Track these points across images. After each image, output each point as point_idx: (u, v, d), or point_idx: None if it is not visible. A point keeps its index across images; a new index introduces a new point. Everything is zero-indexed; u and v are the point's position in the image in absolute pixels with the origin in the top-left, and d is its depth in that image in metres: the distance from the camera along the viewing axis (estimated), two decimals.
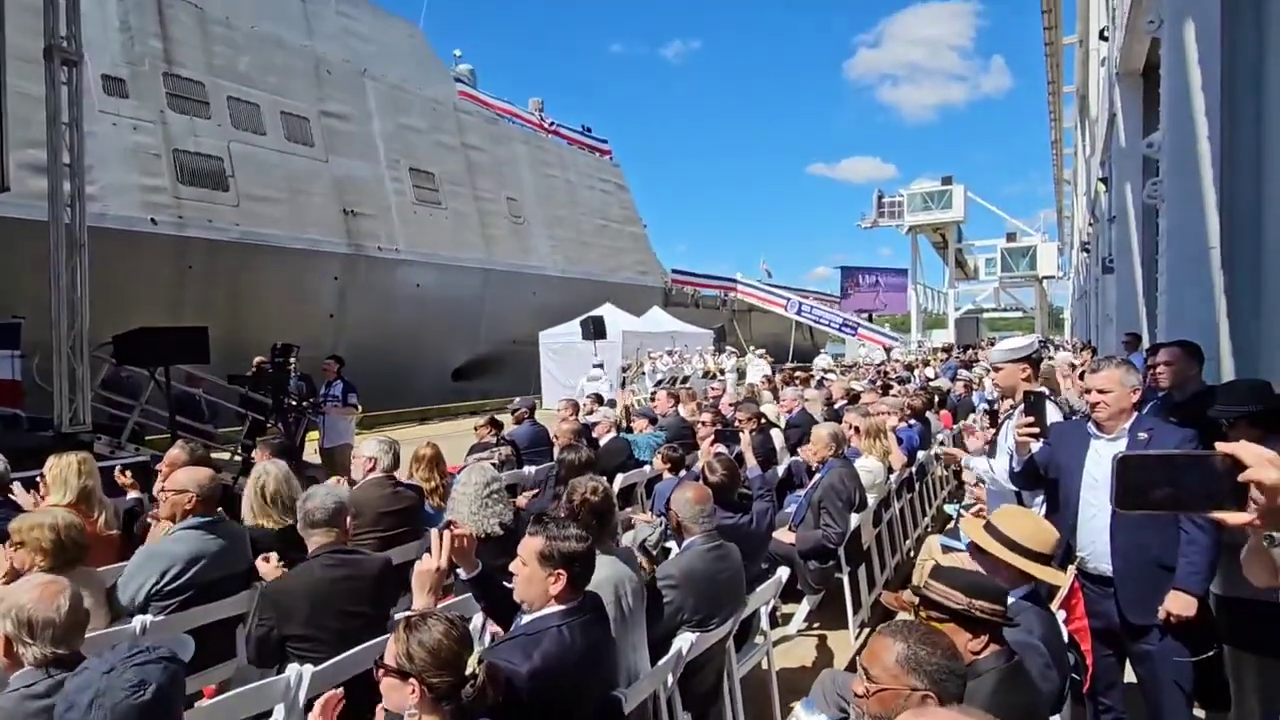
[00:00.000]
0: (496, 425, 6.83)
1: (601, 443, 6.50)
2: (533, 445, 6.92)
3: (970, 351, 25.39)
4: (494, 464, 4.96)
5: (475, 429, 6.89)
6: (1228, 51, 5.31)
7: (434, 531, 2.50)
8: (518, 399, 8.06)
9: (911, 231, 46.90)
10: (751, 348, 26.04)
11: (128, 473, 4.69)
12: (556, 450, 5.65)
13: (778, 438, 6.81)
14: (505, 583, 2.54)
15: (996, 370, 3.79)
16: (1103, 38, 11.95)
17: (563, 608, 2.36)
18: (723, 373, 20.73)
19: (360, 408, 9.30)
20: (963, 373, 13.84)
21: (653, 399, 9.36)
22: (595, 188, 30.84)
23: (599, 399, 8.88)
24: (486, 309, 23.16)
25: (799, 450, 6.27)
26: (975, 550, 2.70)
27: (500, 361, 22.52)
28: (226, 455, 9.25)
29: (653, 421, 7.19)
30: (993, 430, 3.98)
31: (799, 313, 38.96)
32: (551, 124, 30.57)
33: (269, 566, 3.23)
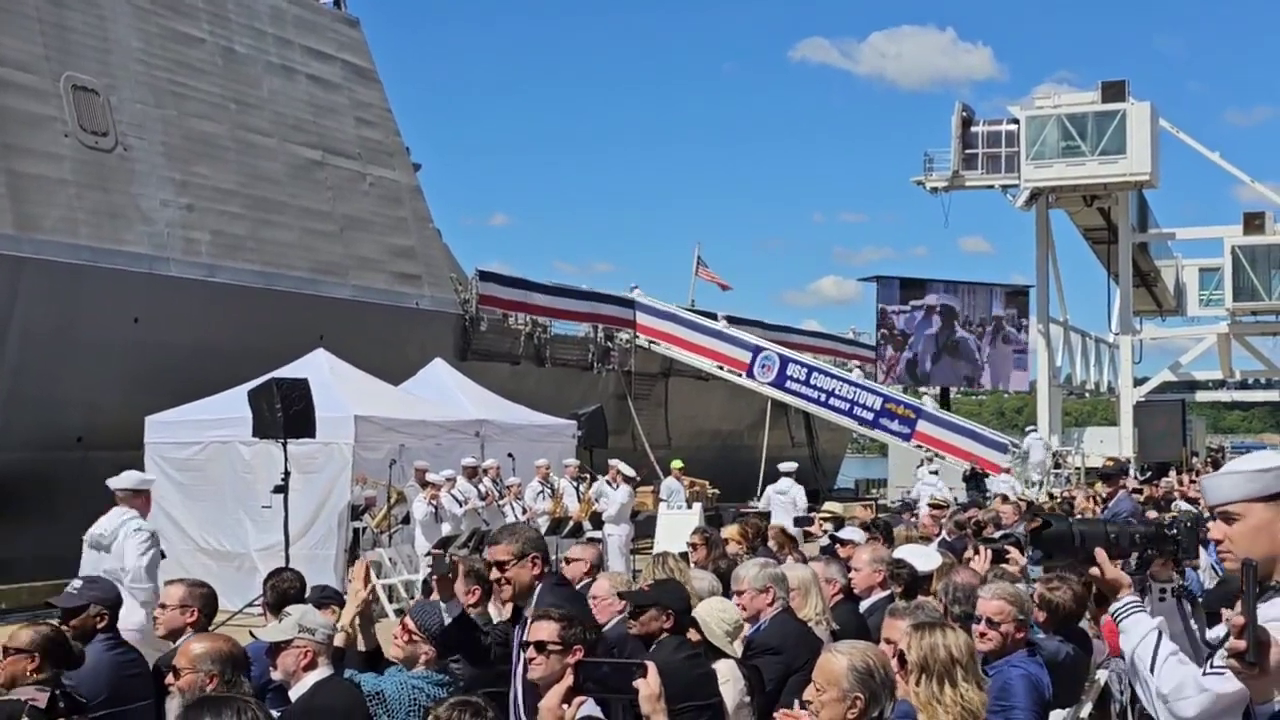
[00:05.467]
0: (47, 654, 6.33)
1: (296, 690, 6.07)
2: (122, 699, 6.74)
3: (1171, 478, 24.79)
4: None
5: None
6: None
7: None
8: (82, 582, 7.77)
9: (1037, 202, 39.61)
10: (677, 465, 24.77)
11: None
12: (176, 706, 5.45)
13: (731, 678, 6.55)
14: None
15: (1225, 521, 3.75)
16: None
17: None
18: (599, 524, 19.58)
19: None
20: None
21: (430, 587, 8.56)
22: (299, 70, 27.55)
23: (289, 591, 7.91)
24: (9, 355, 20.91)
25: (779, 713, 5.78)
26: None
27: (40, 485, 20.56)
28: None
29: (443, 653, 6.71)
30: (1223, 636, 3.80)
31: (780, 382, 34.23)
32: None
33: None
